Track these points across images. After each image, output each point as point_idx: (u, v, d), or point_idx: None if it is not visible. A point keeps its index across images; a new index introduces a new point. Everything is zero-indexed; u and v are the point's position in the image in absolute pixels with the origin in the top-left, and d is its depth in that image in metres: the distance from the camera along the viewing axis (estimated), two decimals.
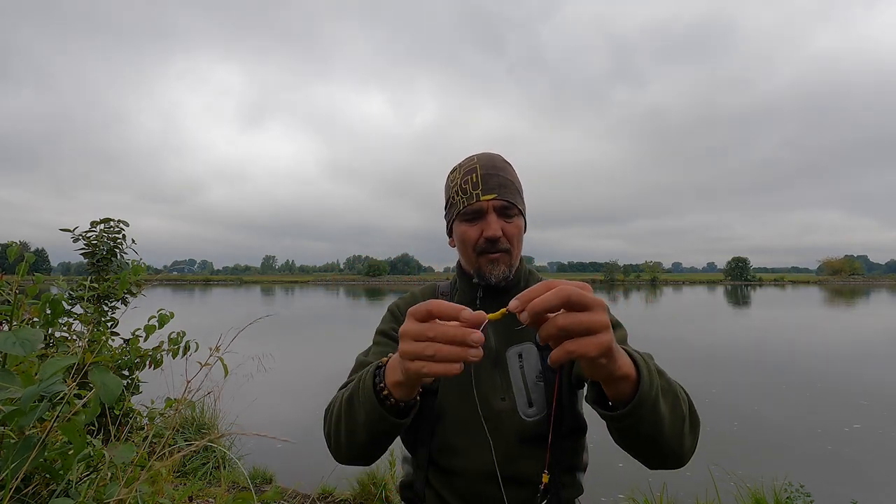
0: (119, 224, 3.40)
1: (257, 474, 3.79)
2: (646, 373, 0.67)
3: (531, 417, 0.94)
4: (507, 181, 0.99)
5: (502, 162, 1.02)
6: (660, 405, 0.68)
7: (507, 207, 0.98)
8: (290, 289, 68.18)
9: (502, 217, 0.97)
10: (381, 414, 0.73)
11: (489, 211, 0.96)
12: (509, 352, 0.99)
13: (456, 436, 0.96)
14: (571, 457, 0.98)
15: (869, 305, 29.41)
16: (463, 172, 1.00)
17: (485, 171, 0.98)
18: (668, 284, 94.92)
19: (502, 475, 0.93)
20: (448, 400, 0.97)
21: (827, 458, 4.63)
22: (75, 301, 2.84)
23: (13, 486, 0.89)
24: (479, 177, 0.97)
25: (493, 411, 0.95)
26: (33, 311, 1.39)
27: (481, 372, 0.98)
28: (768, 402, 6.57)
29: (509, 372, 0.97)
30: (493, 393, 0.96)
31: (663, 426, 0.70)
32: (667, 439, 0.71)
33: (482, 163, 1.00)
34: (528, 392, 0.95)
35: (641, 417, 0.67)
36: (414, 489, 1.02)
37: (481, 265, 0.98)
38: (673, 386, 0.73)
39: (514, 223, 0.99)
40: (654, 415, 0.68)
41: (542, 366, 0.96)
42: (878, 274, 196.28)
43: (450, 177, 1.04)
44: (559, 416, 0.95)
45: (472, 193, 0.97)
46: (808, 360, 9.64)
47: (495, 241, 0.96)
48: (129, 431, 2.48)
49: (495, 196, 0.96)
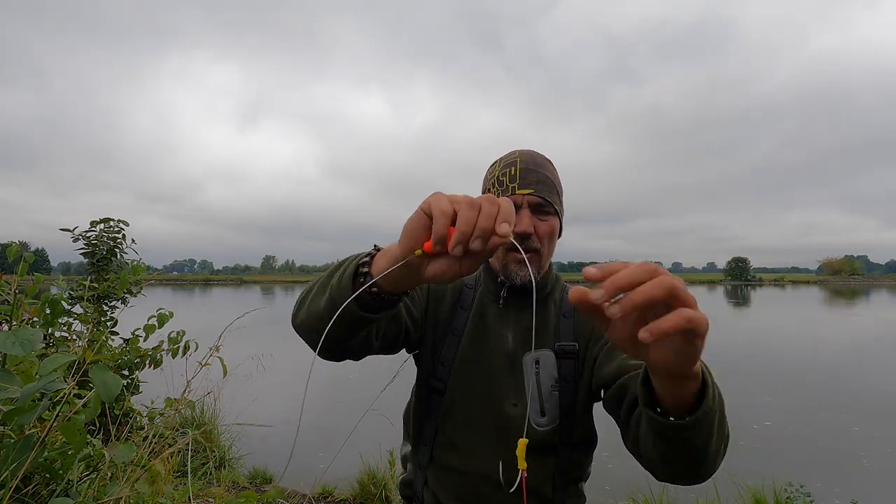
0: (119, 224, 3.40)
1: (257, 474, 3.79)
2: (710, 380, 0.59)
3: (542, 427, 0.92)
4: (546, 178, 0.96)
5: (544, 160, 1.00)
6: (715, 420, 0.61)
7: (543, 205, 0.94)
8: (290, 289, 68.18)
9: (537, 214, 0.94)
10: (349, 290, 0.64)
11: (523, 206, 0.93)
12: (526, 357, 0.96)
13: (461, 434, 0.95)
14: (578, 468, 0.97)
15: (869, 306, 29.40)
16: (503, 165, 0.98)
17: (524, 165, 0.96)
18: None
19: (506, 481, 0.91)
20: (457, 398, 0.95)
21: (827, 458, 4.63)
22: (75, 301, 2.84)
23: (13, 485, 0.88)
24: (518, 171, 0.95)
25: (503, 416, 0.93)
26: (33, 310, 1.39)
27: (495, 374, 0.96)
28: (768, 401, 6.56)
29: (524, 378, 0.95)
30: (506, 397, 0.94)
31: (713, 443, 0.62)
32: (712, 456, 0.64)
33: (523, 157, 0.97)
34: (541, 400, 0.93)
35: (701, 431, 0.59)
36: (413, 487, 1.01)
37: (508, 264, 0.95)
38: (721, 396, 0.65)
39: (549, 223, 0.95)
40: (712, 428, 0.60)
41: (558, 374, 0.94)
42: (878, 274, 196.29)
43: (489, 169, 1.02)
44: (571, 426, 0.93)
45: (508, 186, 0.94)
46: (809, 360, 9.64)
47: (526, 238, 0.92)
48: (129, 431, 2.48)
49: (532, 191, 0.93)
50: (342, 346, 0.74)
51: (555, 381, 0.94)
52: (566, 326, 0.98)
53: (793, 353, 10.75)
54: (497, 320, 0.99)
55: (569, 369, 0.94)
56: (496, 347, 0.96)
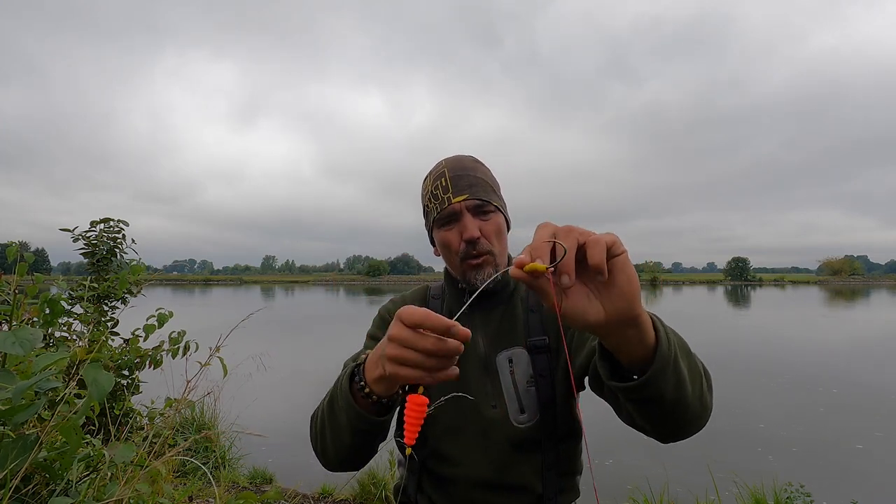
0: (119, 224, 3.40)
1: (257, 474, 3.79)
2: (661, 325, 0.61)
3: (523, 424, 0.93)
4: (477, 179, 0.96)
5: (472, 161, 1.00)
6: (680, 362, 0.62)
7: (482, 205, 0.95)
8: (290, 289, 68.18)
9: (478, 216, 0.95)
10: (360, 413, 0.71)
11: (463, 212, 0.94)
12: (499, 357, 0.96)
13: (447, 444, 0.95)
14: (567, 462, 0.97)
15: (869, 305, 29.39)
16: (433, 178, 0.98)
17: (453, 173, 0.96)
18: (669, 284, 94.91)
19: (496, 483, 0.92)
20: (439, 407, 0.95)
21: (827, 458, 4.63)
22: (75, 301, 2.84)
23: (13, 485, 0.88)
24: (448, 179, 0.95)
25: (484, 419, 0.93)
26: (33, 310, 1.39)
27: (472, 379, 0.96)
28: (768, 401, 6.56)
29: (500, 378, 0.95)
30: (485, 400, 0.94)
31: (686, 386, 0.63)
32: (692, 400, 0.64)
33: (450, 165, 0.97)
34: (519, 398, 0.94)
35: (666, 379, 0.60)
36: (407, 493, 1.01)
37: (466, 272, 0.95)
38: (681, 338, 0.66)
39: (492, 221, 0.96)
40: (677, 374, 0.61)
41: (532, 370, 0.95)
42: (878, 274, 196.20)
43: (423, 185, 1.02)
44: (553, 420, 0.93)
45: (443, 198, 0.94)
46: (809, 360, 9.64)
47: (475, 242, 0.93)
48: (129, 431, 2.48)
49: (467, 196, 0.94)
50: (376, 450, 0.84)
51: (530, 378, 0.94)
52: (534, 321, 0.98)
53: (793, 352, 10.75)
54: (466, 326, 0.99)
55: (543, 364, 0.94)
56: (468, 352, 0.96)
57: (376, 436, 0.77)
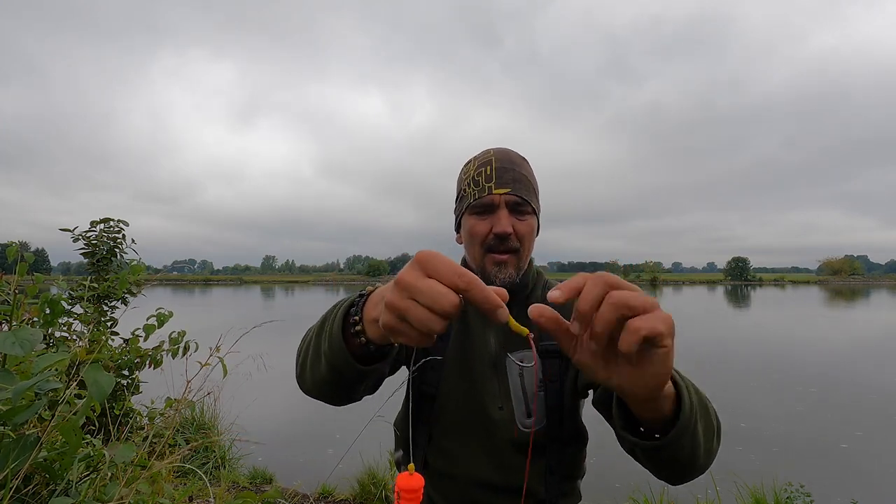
0: (119, 224, 3.40)
1: (257, 474, 3.79)
2: (682, 382, 0.58)
3: (529, 428, 0.91)
4: (522, 177, 0.94)
5: (519, 158, 0.97)
6: (698, 425, 0.60)
7: (521, 204, 0.92)
8: (290, 289, 68.15)
9: (514, 214, 0.92)
10: (342, 351, 0.62)
11: (501, 206, 0.91)
12: (509, 359, 0.94)
13: (451, 441, 0.95)
14: (571, 466, 0.96)
15: (869, 305, 29.39)
16: (477, 164, 0.95)
17: (500, 164, 0.93)
18: (669, 284, 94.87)
19: (496, 484, 0.91)
20: (446, 403, 0.95)
21: (827, 458, 4.63)
22: (75, 301, 2.84)
23: (13, 485, 0.88)
24: (494, 170, 0.92)
25: (490, 420, 0.92)
26: (33, 310, 1.39)
27: (480, 378, 0.95)
28: (768, 401, 6.56)
29: (508, 380, 0.94)
30: (492, 401, 0.93)
31: (700, 448, 0.61)
32: (702, 458, 0.63)
33: (498, 156, 0.95)
34: (527, 402, 0.92)
35: (683, 444, 0.58)
36: None
37: (487, 266, 0.93)
38: (702, 395, 0.64)
39: (527, 222, 0.93)
40: (693, 437, 0.59)
41: (543, 374, 0.92)
42: (878, 274, 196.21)
43: (463, 168, 0.99)
44: (559, 425, 0.92)
45: (484, 186, 0.92)
46: (809, 360, 9.63)
47: (505, 238, 0.90)
48: (130, 431, 2.48)
49: (509, 191, 0.91)
50: (358, 395, 0.74)
51: (539, 382, 0.92)
52: None
53: (793, 352, 10.74)
54: (479, 322, 0.97)
55: (554, 368, 0.92)
56: (480, 350, 0.95)
57: (354, 382, 0.67)
